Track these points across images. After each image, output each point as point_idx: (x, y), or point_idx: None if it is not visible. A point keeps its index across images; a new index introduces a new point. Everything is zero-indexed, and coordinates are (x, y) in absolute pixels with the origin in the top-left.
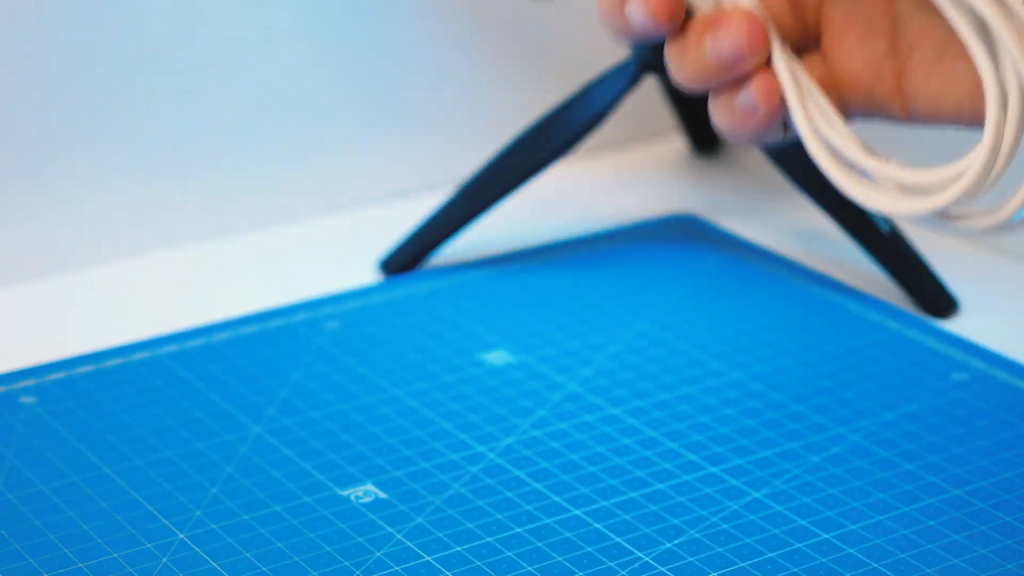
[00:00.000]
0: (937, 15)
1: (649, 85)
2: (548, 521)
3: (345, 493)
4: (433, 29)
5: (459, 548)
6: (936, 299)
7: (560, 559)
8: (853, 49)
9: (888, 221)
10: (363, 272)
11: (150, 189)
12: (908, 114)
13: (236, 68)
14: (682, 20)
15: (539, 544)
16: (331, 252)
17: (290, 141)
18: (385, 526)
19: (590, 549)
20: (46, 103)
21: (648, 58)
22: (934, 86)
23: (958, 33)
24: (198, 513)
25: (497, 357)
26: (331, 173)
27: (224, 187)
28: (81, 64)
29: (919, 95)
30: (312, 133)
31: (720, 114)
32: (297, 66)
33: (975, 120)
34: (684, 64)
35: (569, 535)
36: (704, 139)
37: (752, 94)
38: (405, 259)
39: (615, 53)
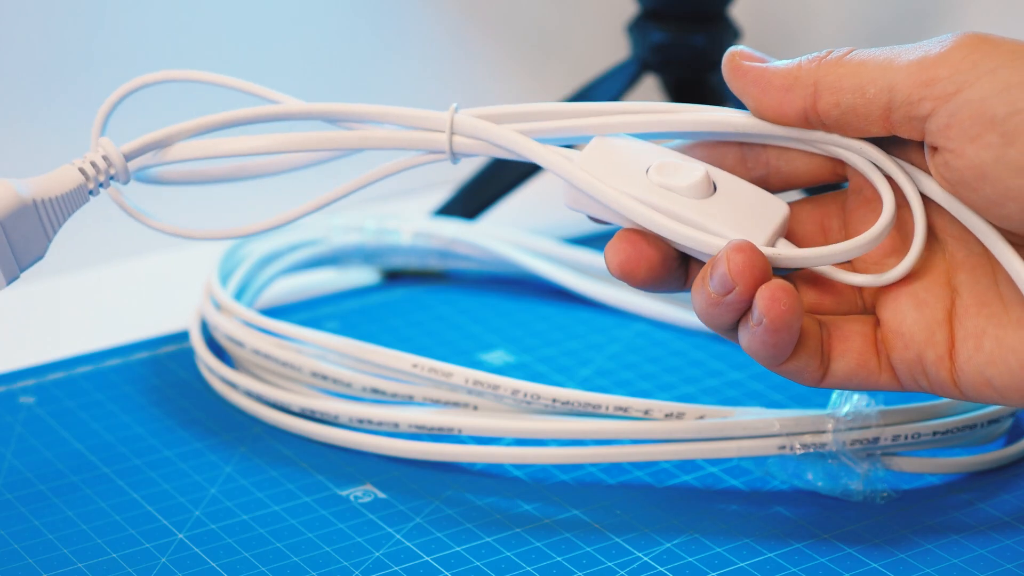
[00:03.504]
0: (994, 283)
1: (649, 85)
2: (548, 521)
3: (344, 493)
4: (433, 28)
5: (459, 548)
6: None
7: (560, 559)
8: (908, 311)
9: None
10: (363, 272)
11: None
12: (956, 384)
13: (244, 66)
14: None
15: (539, 544)
16: None
17: None
18: (384, 526)
19: (590, 549)
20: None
21: (648, 58)
22: (985, 353)
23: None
24: (197, 513)
25: (496, 357)
26: (330, 173)
27: (234, 185)
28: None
29: (969, 364)
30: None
31: (743, 342)
32: (296, 64)
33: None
34: (696, 304)
35: (569, 535)
36: None
37: (756, 308)
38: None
39: (615, 53)
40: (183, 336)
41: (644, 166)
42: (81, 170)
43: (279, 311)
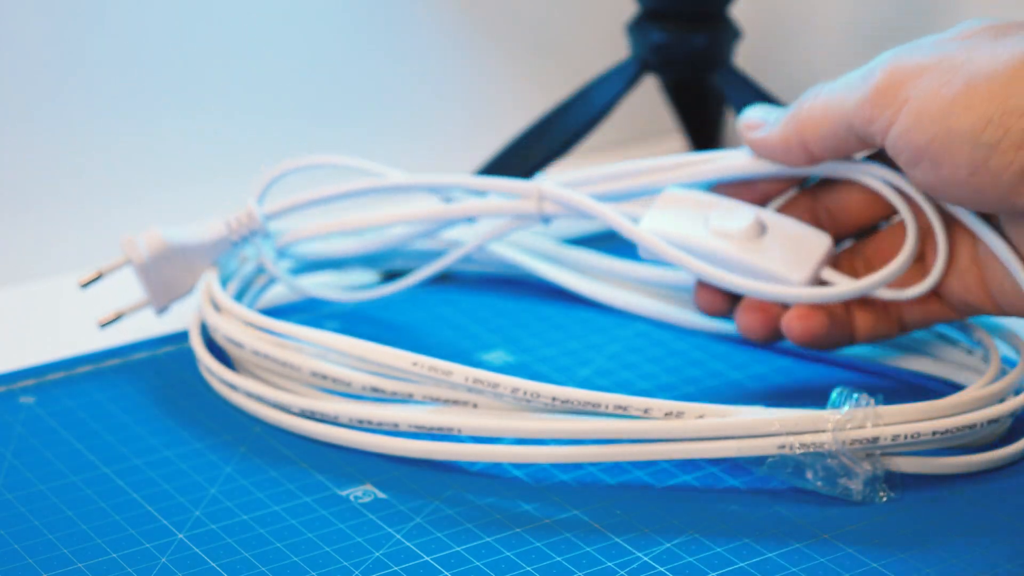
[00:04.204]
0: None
1: (649, 85)
2: (548, 521)
3: (344, 493)
4: (433, 29)
5: (459, 548)
6: None
7: (560, 559)
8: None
9: None
10: (363, 273)
11: (152, 189)
12: (1001, 310)
13: (244, 66)
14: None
15: (539, 544)
16: None
17: (295, 139)
18: (384, 526)
19: (590, 549)
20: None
21: (648, 58)
22: (1007, 288)
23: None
24: (197, 513)
25: (496, 357)
26: None
27: (230, 187)
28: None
29: (1002, 297)
30: (315, 133)
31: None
32: (297, 65)
33: None
34: None
35: (569, 535)
36: (703, 139)
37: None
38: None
39: (615, 53)
40: (183, 336)
41: (703, 216)
42: (227, 223)
43: (279, 311)
